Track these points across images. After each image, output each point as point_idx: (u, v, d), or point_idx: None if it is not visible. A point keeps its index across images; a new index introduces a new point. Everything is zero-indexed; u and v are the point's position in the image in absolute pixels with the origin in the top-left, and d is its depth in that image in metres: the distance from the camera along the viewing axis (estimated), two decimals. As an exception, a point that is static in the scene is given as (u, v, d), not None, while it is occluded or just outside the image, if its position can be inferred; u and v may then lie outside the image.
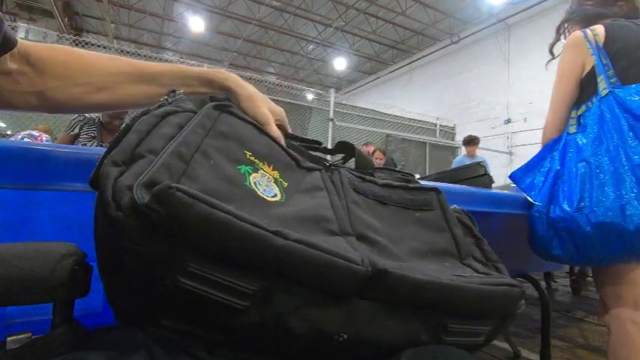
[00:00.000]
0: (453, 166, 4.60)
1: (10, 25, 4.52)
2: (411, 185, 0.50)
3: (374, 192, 0.47)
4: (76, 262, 0.34)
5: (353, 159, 0.56)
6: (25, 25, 6.16)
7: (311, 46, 10.85)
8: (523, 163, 1.14)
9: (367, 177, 0.49)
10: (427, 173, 6.17)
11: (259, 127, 0.45)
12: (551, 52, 1.22)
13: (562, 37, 1.21)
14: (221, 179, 0.32)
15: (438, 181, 1.19)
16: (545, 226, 0.99)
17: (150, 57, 4.94)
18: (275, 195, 0.36)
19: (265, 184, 0.36)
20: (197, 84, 0.51)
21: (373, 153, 4.45)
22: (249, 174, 0.36)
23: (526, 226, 1.09)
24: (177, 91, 0.41)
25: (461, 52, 9.26)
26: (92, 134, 2.26)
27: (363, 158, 0.56)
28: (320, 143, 0.56)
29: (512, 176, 1.15)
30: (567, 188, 0.95)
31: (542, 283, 1.57)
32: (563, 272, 3.26)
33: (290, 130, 0.55)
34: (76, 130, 2.25)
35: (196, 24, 9.07)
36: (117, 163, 0.29)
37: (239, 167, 0.36)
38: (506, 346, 1.73)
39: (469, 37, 8.90)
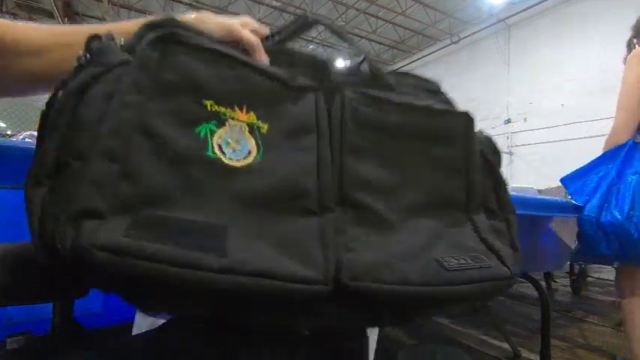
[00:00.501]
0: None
1: (10, 25, 4.52)
2: (437, 107, 0.40)
3: (385, 121, 0.37)
4: (75, 262, 0.33)
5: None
6: (25, 25, 6.14)
7: (311, 46, 10.86)
8: (523, 163, 1.20)
9: (382, 95, 0.38)
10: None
11: (224, 52, 0.32)
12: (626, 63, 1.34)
13: (637, 45, 1.33)
14: (171, 163, 0.26)
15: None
16: (595, 228, 1.10)
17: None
18: (249, 152, 0.30)
19: (235, 139, 0.30)
20: None
21: None
22: (213, 133, 0.29)
23: (526, 226, 1.09)
24: (97, 39, 0.29)
25: (461, 52, 9.26)
26: None
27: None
28: (306, 19, 0.42)
29: (563, 180, 1.27)
30: (620, 197, 1.07)
31: (542, 283, 1.57)
32: (563, 272, 3.26)
33: (267, 31, 0.42)
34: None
35: (196, 24, 9.05)
36: (39, 182, 0.25)
37: (198, 129, 0.28)
38: (506, 346, 1.73)
39: (469, 37, 8.90)
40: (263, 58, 0.38)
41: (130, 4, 8.38)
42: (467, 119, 0.40)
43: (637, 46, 1.31)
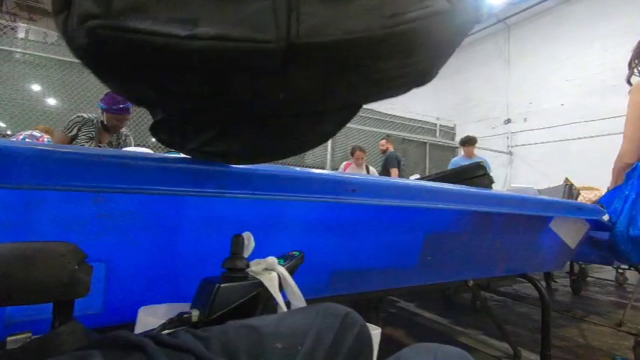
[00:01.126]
0: (449, 167, 4.59)
1: (9, 25, 4.49)
2: None
3: None
4: (76, 262, 0.33)
5: None
6: (25, 25, 6.15)
7: None
8: (523, 163, 1.27)
9: None
10: (427, 173, 6.17)
11: None
12: (629, 82, 1.54)
13: (635, 70, 1.53)
14: None
15: (438, 181, 1.19)
16: (626, 241, 1.32)
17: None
18: None
19: None
20: None
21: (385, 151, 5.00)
22: None
23: (526, 227, 1.12)
24: None
25: (461, 52, 9.25)
26: (90, 135, 2.25)
27: None
28: None
29: (600, 201, 1.48)
30: None
31: (542, 283, 1.57)
32: (563, 272, 3.26)
33: None
34: (74, 132, 2.23)
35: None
36: (59, 12, 0.33)
37: None
38: (506, 346, 1.73)
39: (469, 37, 8.88)
40: None
41: (129, 4, 8.36)
42: None
43: (638, 67, 1.51)
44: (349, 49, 0.34)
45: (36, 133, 2.40)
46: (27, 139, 2.48)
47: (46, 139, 2.41)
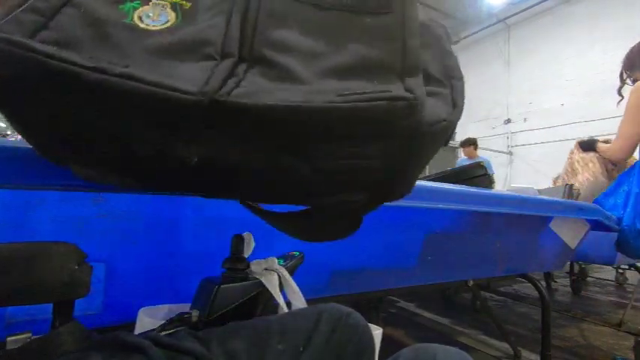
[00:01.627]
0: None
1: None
2: None
3: None
4: (76, 262, 0.33)
5: None
6: (25, 25, 6.11)
7: None
8: (523, 163, 1.28)
9: None
10: (427, 173, 6.15)
11: None
12: (620, 93, 1.62)
13: (628, 80, 1.58)
14: (91, 24, 0.30)
15: (438, 181, 1.19)
16: (635, 235, 1.34)
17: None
18: (167, 21, 0.32)
19: (157, 14, 0.32)
20: None
21: None
22: (135, 9, 0.32)
23: (526, 227, 1.10)
24: None
25: (461, 52, 9.25)
26: None
27: None
28: None
29: (596, 201, 1.51)
30: None
31: (543, 283, 1.58)
32: (563, 272, 3.26)
33: None
34: None
35: (196, 24, 9.07)
36: None
37: (121, 7, 0.32)
38: (506, 346, 1.73)
39: (469, 37, 8.89)
40: None
41: (129, 4, 8.36)
42: None
43: (629, 80, 1.56)
44: (281, 118, 0.30)
45: None
46: None
47: None
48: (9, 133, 4.20)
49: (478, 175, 1.34)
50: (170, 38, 0.31)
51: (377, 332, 0.57)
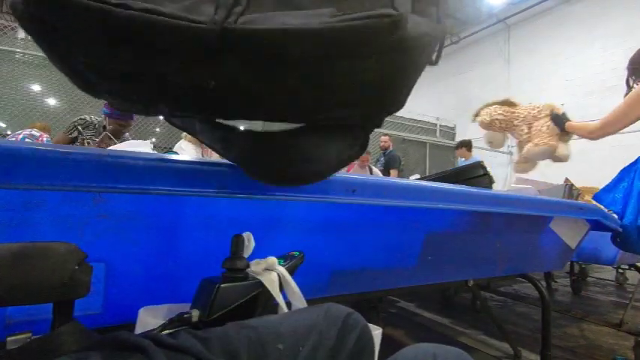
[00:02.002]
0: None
1: (10, 26, 4.49)
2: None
3: None
4: (76, 262, 0.33)
5: None
6: (25, 25, 6.11)
7: (311, 46, 10.82)
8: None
9: None
10: (427, 173, 6.16)
11: None
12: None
13: (634, 85, 1.58)
14: None
15: (438, 181, 1.19)
16: (637, 231, 1.34)
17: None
18: None
19: None
20: None
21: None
22: None
23: (526, 227, 1.11)
24: None
25: (461, 52, 9.25)
26: (89, 139, 2.23)
27: None
28: None
29: (595, 197, 1.53)
30: None
31: (543, 283, 1.58)
32: (563, 272, 3.26)
33: None
34: (74, 134, 2.23)
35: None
36: None
37: None
38: (506, 346, 1.73)
39: (469, 37, 8.89)
40: None
41: (129, 4, 8.36)
42: None
43: (635, 84, 1.54)
44: (286, 40, 0.33)
45: (35, 132, 2.38)
46: (27, 139, 2.46)
47: (45, 139, 2.40)
48: (9, 133, 4.20)
49: (478, 175, 1.34)
50: None
51: (377, 332, 0.57)
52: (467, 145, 4.75)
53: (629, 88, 1.58)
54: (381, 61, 0.37)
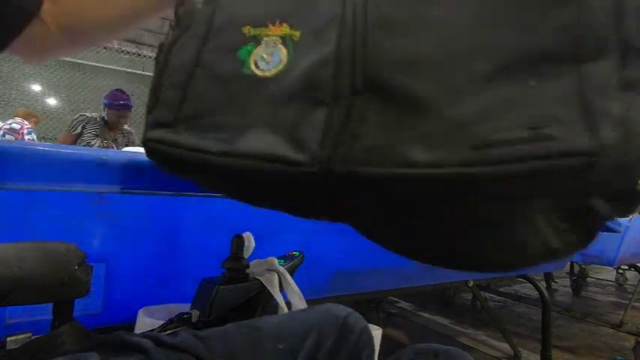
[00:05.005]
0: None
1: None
2: None
3: None
4: (76, 262, 0.33)
5: None
6: (25, 25, 6.11)
7: None
8: None
9: None
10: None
11: None
12: None
13: None
14: (218, 84, 0.35)
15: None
16: None
17: (150, 57, 4.93)
18: (279, 61, 0.33)
19: (269, 53, 0.34)
20: None
21: None
22: (250, 53, 0.34)
23: None
24: (186, 3, 0.39)
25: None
26: (95, 132, 2.26)
27: None
28: None
29: None
30: None
31: (543, 283, 1.58)
32: (563, 272, 3.26)
33: None
34: (79, 130, 2.25)
35: (196, 24, 9.09)
36: (149, 111, 0.37)
37: (239, 53, 0.35)
38: (506, 346, 1.73)
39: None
40: None
41: (130, 4, 8.36)
42: None
43: None
44: (413, 190, 0.26)
45: (15, 125, 2.35)
46: (8, 136, 2.42)
47: (26, 129, 2.37)
48: (9, 133, 4.20)
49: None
50: (282, 85, 0.32)
51: (377, 332, 0.57)
52: None
53: None
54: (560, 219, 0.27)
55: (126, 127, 2.42)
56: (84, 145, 2.20)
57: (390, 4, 0.29)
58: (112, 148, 2.24)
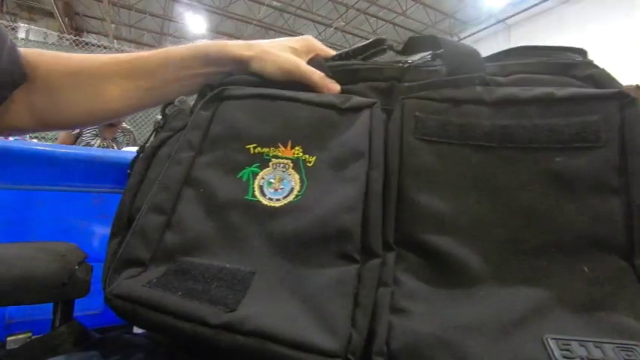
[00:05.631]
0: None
1: (10, 26, 4.49)
2: (561, 93, 0.26)
3: (474, 124, 0.27)
4: (76, 262, 0.34)
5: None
6: (26, 25, 6.14)
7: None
8: None
9: (459, 94, 0.28)
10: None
11: (265, 94, 0.32)
12: None
13: None
14: (212, 211, 0.28)
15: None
16: None
17: (150, 57, 4.93)
18: (291, 190, 0.28)
19: (278, 178, 0.28)
20: (196, 65, 0.39)
21: None
22: (255, 175, 0.29)
23: None
24: (171, 105, 0.34)
25: (461, 52, 9.26)
26: (95, 132, 2.27)
27: (458, 52, 0.34)
28: (381, 42, 0.38)
29: None
30: None
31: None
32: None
33: (329, 54, 0.40)
34: (78, 129, 2.26)
35: (197, 24, 9.08)
36: (114, 234, 0.30)
37: (240, 175, 0.29)
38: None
39: (469, 38, 8.90)
40: (331, 88, 0.34)
41: (130, 4, 8.38)
42: (623, 99, 0.25)
43: None
44: None
45: None
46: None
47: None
48: (9, 133, 4.20)
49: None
50: (298, 224, 0.26)
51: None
52: None
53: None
54: None
55: (125, 125, 2.43)
56: (84, 145, 2.21)
57: (427, 154, 0.26)
58: (112, 147, 2.25)
